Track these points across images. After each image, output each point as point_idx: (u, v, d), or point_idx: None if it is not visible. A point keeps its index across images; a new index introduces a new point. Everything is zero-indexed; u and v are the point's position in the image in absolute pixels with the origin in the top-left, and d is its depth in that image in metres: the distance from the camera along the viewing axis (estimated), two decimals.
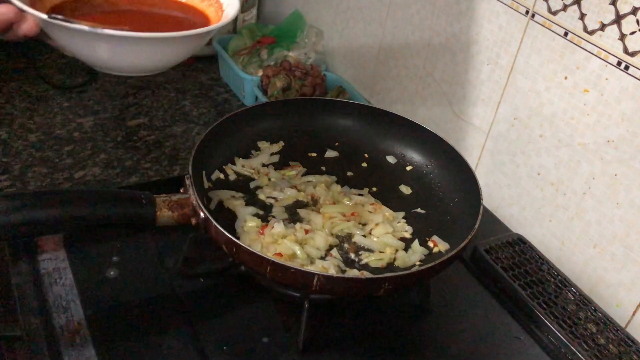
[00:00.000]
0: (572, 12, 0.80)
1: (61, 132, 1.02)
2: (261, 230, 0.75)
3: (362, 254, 0.75)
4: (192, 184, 0.68)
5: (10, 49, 1.24)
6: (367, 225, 0.79)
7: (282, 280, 0.65)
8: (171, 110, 1.14)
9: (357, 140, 0.92)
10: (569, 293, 0.81)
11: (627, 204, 0.79)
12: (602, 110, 0.79)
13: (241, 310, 0.73)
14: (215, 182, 0.81)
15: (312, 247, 0.74)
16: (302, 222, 0.78)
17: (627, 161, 0.78)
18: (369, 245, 0.77)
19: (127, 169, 0.96)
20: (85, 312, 0.69)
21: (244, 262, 0.67)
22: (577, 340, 0.74)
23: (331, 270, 0.71)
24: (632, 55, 0.74)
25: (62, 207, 0.61)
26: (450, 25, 1.00)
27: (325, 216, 0.79)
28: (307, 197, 0.82)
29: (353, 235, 0.78)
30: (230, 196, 0.79)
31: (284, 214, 0.79)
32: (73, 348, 0.65)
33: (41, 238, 0.77)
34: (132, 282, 0.74)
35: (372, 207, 0.82)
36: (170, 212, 0.66)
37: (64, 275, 0.73)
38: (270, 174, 0.85)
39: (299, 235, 0.75)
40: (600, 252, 0.83)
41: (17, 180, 0.90)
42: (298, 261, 0.72)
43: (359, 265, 0.74)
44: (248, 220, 0.76)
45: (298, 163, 0.88)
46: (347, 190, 0.85)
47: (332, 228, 0.78)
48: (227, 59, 1.21)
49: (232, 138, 0.85)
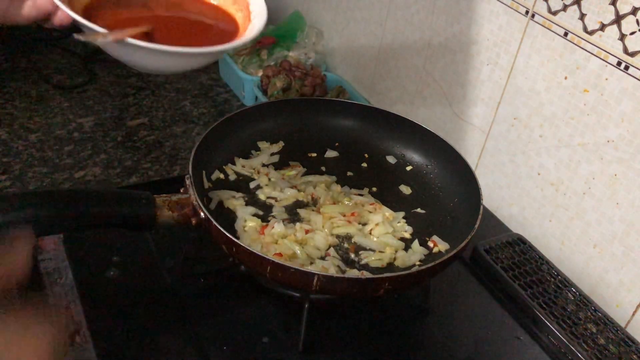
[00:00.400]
0: (572, 12, 0.80)
1: (61, 132, 1.02)
2: (261, 230, 0.75)
3: (362, 254, 0.75)
4: (192, 184, 0.68)
5: (10, 49, 1.24)
6: (367, 225, 0.79)
7: (282, 280, 0.65)
8: (171, 110, 1.14)
9: (357, 140, 0.92)
10: (569, 293, 0.81)
11: (627, 204, 0.79)
12: (602, 110, 0.79)
13: (241, 310, 0.73)
14: (215, 182, 0.81)
15: (312, 247, 0.74)
16: (302, 222, 0.78)
17: (627, 161, 0.78)
18: (369, 245, 0.77)
19: (127, 169, 0.96)
20: (85, 312, 0.69)
21: (244, 262, 0.67)
22: (577, 340, 0.74)
23: (331, 270, 0.71)
24: (632, 55, 0.74)
25: (62, 207, 0.61)
26: (450, 25, 1.00)
27: (325, 216, 0.79)
28: (307, 197, 0.82)
29: (353, 235, 0.78)
30: (230, 196, 0.79)
31: (284, 214, 0.79)
32: (73, 348, 0.65)
33: (41, 238, 0.77)
34: (132, 282, 0.74)
35: (372, 207, 0.82)
36: (170, 212, 0.66)
37: (64, 275, 0.73)
38: (270, 174, 0.85)
39: (299, 235, 0.75)
40: (600, 252, 0.83)
41: (17, 180, 0.90)
42: (298, 261, 0.72)
43: (359, 265, 0.74)
44: (248, 220, 0.76)
45: (298, 163, 0.88)
46: (347, 190, 0.85)
47: (332, 228, 0.78)
48: (227, 59, 1.21)
49: (232, 138, 0.85)
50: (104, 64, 1.25)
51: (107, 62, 1.26)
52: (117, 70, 1.24)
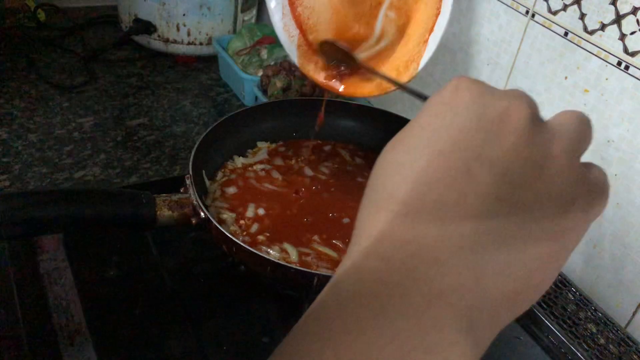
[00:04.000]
0: (572, 12, 0.80)
1: (61, 132, 1.02)
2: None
3: None
4: (192, 184, 0.68)
5: (10, 49, 1.24)
6: None
7: (282, 280, 0.65)
8: (171, 110, 1.14)
9: (357, 140, 0.92)
10: (569, 293, 0.81)
11: (627, 204, 0.79)
12: (602, 110, 0.79)
13: (241, 310, 0.73)
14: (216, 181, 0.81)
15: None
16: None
17: (627, 161, 0.77)
18: None
19: (127, 169, 0.96)
20: (85, 312, 0.69)
21: (244, 262, 0.67)
22: (577, 340, 0.74)
23: (331, 271, 0.71)
24: (632, 55, 0.74)
25: (62, 206, 0.61)
26: (450, 25, 1.00)
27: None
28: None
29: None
30: None
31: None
32: (73, 348, 0.65)
33: (41, 238, 0.77)
34: (132, 282, 0.74)
35: None
36: (170, 212, 0.66)
37: (64, 275, 0.73)
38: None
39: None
40: (600, 252, 0.83)
41: (17, 180, 0.90)
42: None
43: None
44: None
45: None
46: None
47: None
48: (227, 59, 1.21)
49: (232, 138, 0.85)
50: (104, 64, 1.25)
51: (107, 62, 1.26)
52: (117, 70, 1.24)
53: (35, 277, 0.72)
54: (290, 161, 0.87)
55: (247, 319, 0.72)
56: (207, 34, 1.29)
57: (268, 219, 0.75)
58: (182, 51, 1.30)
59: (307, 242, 0.72)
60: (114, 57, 1.28)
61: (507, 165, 0.29)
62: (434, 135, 0.30)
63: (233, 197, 0.77)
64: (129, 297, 0.72)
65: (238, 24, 1.33)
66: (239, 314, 0.72)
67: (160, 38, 1.28)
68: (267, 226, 0.73)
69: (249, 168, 0.83)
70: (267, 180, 0.81)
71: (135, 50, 1.32)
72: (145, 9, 1.26)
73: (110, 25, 1.40)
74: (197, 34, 1.28)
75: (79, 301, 0.70)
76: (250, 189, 0.79)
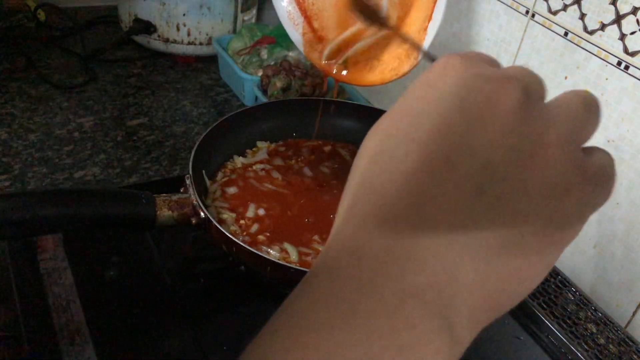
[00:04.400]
0: (572, 12, 0.80)
1: (61, 132, 1.02)
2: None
3: None
4: (192, 184, 0.68)
5: (10, 49, 1.24)
6: None
7: (282, 280, 0.65)
8: (171, 110, 1.14)
9: (357, 140, 0.92)
10: (569, 293, 0.81)
11: (627, 204, 0.79)
12: (602, 110, 0.79)
13: (241, 310, 0.73)
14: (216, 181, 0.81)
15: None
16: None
17: (627, 161, 0.77)
18: None
19: (127, 169, 0.96)
20: (85, 312, 0.69)
21: (244, 262, 0.67)
22: (577, 340, 0.74)
23: None
24: (632, 55, 0.74)
25: (62, 206, 0.61)
26: (450, 25, 1.00)
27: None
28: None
29: None
30: None
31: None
32: (73, 348, 0.65)
33: (41, 238, 0.77)
34: (132, 282, 0.74)
35: None
36: (170, 212, 0.66)
37: (64, 275, 0.73)
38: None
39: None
40: (600, 252, 0.83)
41: (17, 180, 0.90)
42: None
43: None
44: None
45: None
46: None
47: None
48: (227, 59, 1.21)
49: (232, 138, 0.85)
50: (104, 64, 1.25)
51: (107, 62, 1.26)
52: (117, 70, 1.24)
53: (35, 277, 0.72)
54: (290, 161, 0.87)
55: (247, 319, 0.72)
56: (207, 34, 1.29)
57: (268, 219, 0.75)
58: (182, 51, 1.30)
59: (307, 242, 0.72)
60: (114, 57, 1.28)
61: (490, 154, 0.26)
62: (415, 121, 0.28)
63: (233, 197, 0.77)
64: (129, 297, 0.72)
65: (238, 24, 1.33)
66: (239, 314, 0.72)
67: (160, 38, 1.28)
68: (267, 226, 0.73)
69: (249, 168, 0.83)
70: (267, 180, 0.81)
71: (135, 50, 1.32)
72: (145, 9, 1.26)
73: (110, 25, 1.40)
74: (197, 34, 1.28)
75: (79, 301, 0.70)
76: (250, 189, 0.79)
